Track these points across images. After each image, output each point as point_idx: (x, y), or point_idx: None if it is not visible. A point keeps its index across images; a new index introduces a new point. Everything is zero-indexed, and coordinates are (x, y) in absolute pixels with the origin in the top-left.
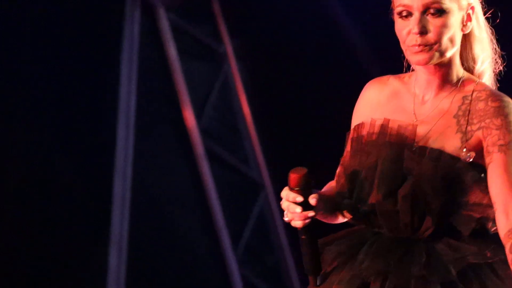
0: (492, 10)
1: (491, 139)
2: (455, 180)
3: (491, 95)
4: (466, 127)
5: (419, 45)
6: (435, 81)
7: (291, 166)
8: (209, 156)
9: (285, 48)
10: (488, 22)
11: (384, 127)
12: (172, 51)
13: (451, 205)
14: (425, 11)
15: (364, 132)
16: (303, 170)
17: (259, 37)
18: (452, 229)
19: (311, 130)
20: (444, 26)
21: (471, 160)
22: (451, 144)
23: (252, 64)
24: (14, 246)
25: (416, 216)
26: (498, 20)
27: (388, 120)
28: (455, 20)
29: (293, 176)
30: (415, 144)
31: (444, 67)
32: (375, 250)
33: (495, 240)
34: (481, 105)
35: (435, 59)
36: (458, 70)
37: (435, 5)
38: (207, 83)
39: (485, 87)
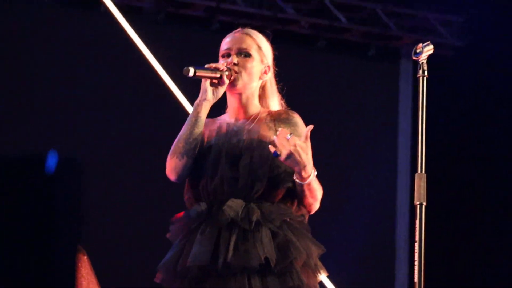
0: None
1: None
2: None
3: (287, 111)
4: (275, 126)
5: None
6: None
7: None
8: None
9: None
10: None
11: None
12: None
13: (273, 173)
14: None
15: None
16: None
17: None
18: (273, 193)
19: None
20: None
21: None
22: (267, 135)
23: None
24: None
25: (250, 180)
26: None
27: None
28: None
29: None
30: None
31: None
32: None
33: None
34: (284, 115)
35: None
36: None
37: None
38: None
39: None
